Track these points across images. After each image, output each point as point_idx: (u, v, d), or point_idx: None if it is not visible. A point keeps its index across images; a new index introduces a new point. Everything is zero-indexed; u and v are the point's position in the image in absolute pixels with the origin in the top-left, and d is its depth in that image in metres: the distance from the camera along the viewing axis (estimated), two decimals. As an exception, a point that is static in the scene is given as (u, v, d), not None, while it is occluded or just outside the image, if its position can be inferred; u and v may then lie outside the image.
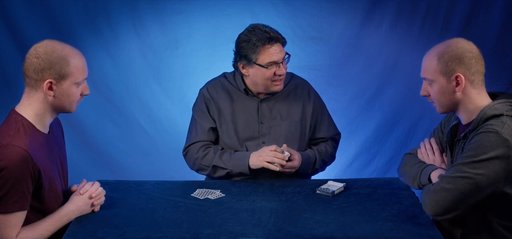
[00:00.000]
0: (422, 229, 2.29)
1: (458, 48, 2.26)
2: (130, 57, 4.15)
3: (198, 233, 2.28)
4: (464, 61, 2.25)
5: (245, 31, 2.87)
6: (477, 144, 2.18)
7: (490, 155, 2.15)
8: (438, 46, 2.32)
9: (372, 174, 4.23)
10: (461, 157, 2.22)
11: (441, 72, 2.28)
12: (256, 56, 2.82)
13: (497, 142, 2.15)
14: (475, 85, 2.28)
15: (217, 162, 2.87)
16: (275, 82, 2.88)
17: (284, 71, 2.87)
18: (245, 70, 2.90)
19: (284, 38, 2.87)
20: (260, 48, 2.80)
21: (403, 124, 4.23)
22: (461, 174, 2.18)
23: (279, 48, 2.84)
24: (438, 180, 2.26)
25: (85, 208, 2.43)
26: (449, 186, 2.20)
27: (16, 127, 2.23)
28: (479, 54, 2.28)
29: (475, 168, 2.16)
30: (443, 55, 2.27)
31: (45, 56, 2.23)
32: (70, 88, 2.28)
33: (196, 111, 3.01)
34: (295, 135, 2.97)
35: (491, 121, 2.21)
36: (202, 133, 2.95)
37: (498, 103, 2.25)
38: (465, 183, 2.17)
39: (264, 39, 2.80)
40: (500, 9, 4.00)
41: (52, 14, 4.00)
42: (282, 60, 2.85)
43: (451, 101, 2.31)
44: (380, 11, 4.08)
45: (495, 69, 4.08)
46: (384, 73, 4.17)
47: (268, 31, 2.83)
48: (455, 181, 2.19)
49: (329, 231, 2.29)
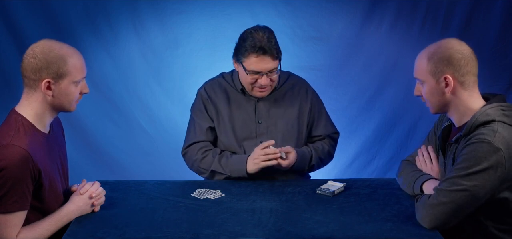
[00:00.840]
0: (422, 229, 2.29)
1: (448, 49, 2.25)
2: (130, 57, 4.15)
3: (198, 233, 2.28)
4: (453, 63, 2.23)
5: (248, 30, 2.86)
6: (470, 155, 2.17)
7: (484, 166, 2.14)
8: (430, 46, 2.31)
9: (372, 174, 4.23)
10: (455, 169, 2.21)
11: (431, 73, 2.27)
12: (243, 59, 2.83)
13: (490, 151, 2.14)
14: (465, 87, 2.26)
15: (216, 167, 2.88)
16: (256, 88, 2.89)
17: (267, 82, 2.85)
18: (236, 66, 2.92)
19: (278, 52, 2.83)
20: (248, 53, 2.80)
21: (403, 124, 4.23)
22: (458, 187, 2.17)
23: (267, 60, 2.80)
24: (435, 194, 2.24)
25: (85, 208, 2.42)
26: (446, 199, 2.19)
27: (16, 127, 2.23)
28: (470, 56, 2.26)
29: (471, 180, 2.15)
30: (433, 56, 2.26)
31: (42, 56, 2.22)
32: (68, 88, 2.28)
33: (195, 112, 3.02)
34: (292, 133, 2.97)
35: (483, 129, 2.19)
36: (201, 133, 2.96)
37: (490, 108, 2.23)
38: (462, 195, 2.17)
39: (254, 47, 2.78)
40: (500, 9, 4.00)
41: (52, 14, 4.00)
42: (266, 72, 2.84)
43: (441, 102, 2.30)
44: (380, 11, 4.08)
45: (495, 69, 4.08)
46: (384, 73, 4.17)
47: (263, 41, 2.79)
48: (451, 195, 2.18)
49: (329, 231, 2.29)
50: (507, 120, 2.20)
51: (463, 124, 2.29)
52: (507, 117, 2.21)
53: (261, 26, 2.86)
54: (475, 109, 2.26)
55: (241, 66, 2.86)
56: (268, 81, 2.85)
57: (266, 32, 2.83)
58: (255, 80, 2.86)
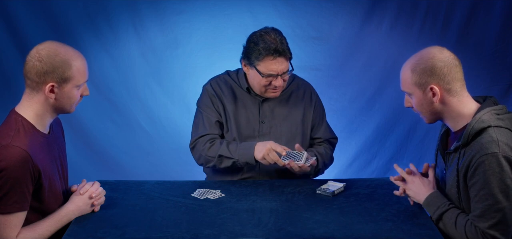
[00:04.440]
0: (422, 229, 2.29)
1: (430, 59, 2.23)
2: (130, 57, 4.15)
3: (198, 233, 2.28)
4: (436, 72, 2.22)
5: (258, 32, 2.85)
6: (484, 179, 2.15)
7: (507, 182, 2.14)
8: (412, 58, 2.30)
9: (372, 174, 4.23)
10: (480, 198, 2.17)
11: (416, 85, 2.26)
12: (257, 62, 2.81)
13: (501, 163, 2.13)
14: (453, 93, 2.24)
15: (223, 151, 2.86)
16: (270, 90, 2.88)
17: (281, 83, 2.85)
18: (246, 69, 2.90)
19: (290, 53, 2.84)
20: (263, 57, 2.79)
21: (403, 124, 4.23)
22: (497, 207, 2.16)
23: (282, 61, 2.81)
24: (481, 228, 2.19)
25: (85, 208, 2.43)
26: (496, 220, 2.17)
27: (16, 127, 2.22)
28: (453, 62, 2.24)
29: (508, 197, 2.15)
30: (416, 68, 2.25)
31: (48, 60, 2.21)
32: (71, 91, 2.28)
33: (202, 106, 3.00)
34: (296, 136, 2.97)
35: (484, 142, 2.16)
36: (210, 125, 2.95)
37: (484, 114, 2.21)
38: (506, 213, 2.17)
39: (269, 50, 2.78)
40: (500, 9, 4.00)
41: (52, 14, 4.01)
42: (281, 73, 2.84)
43: (432, 111, 2.29)
44: (380, 11, 4.08)
45: (495, 70, 4.08)
46: (384, 73, 4.17)
47: (277, 42, 2.79)
48: (497, 216, 2.17)
49: (329, 231, 2.29)
50: (502, 123, 2.20)
51: (460, 130, 2.28)
52: (501, 120, 2.20)
53: (270, 28, 2.86)
54: (468, 113, 2.25)
55: (255, 70, 2.84)
56: (281, 82, 2.85)
57: (277, 34, 2.82)
58: (269, 82, 2.85)
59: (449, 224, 2.28)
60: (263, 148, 2.77)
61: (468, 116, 2.25)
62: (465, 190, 2.25)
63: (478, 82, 4.04)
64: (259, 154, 2.77)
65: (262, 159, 2.76)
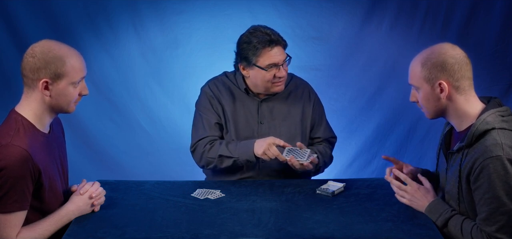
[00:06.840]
0: (422, 229, 2.29)
1: (441, 55, 2.23)
2: (130, 57, 4.15)
3: (198, 233, 2.28)
4: (447, 68, 2.22)
5: (246, 33, 2.87)
6: (489, 182, 2.14)
7: (510, 183, 2.14)
8: (423, 52, 2.30)
9: (372, 174, 4.23)
10: (486, 201, 2.17)
11: (425, 79, 2.26)
12: (256, 58, 2.82)
13: (506, 166, 2.13)
14: (461, 91, 2.25)
15: (223, 151, 2.86)
16: (275, 83, 2.88)
17: (284, 74, 2.86)
18: (246, 72, 2.90)
19: (285, 41, 2.87)
20: (261, 50, 2.80)
21: (403, 124, 4.23)
22: (503, 209, 2.15)
23: (280, 51, 2.84)
24: (488, 232, 2.19)
25: (85, 208, 2.43)
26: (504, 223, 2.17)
27: (16, 127, 2.23)
28: (464, 59, 2.24)
29: None
30: (427, 62, 2.25)
31: (41, 56, 2.22)
32: (66, 88, 2.27)
33: (201, 108, 3.00)
34: (295, 135, 2.97)
35: (488, 145, 2.16)
36: (209, 127, 2.95)
37: (489, 116, 2.21)
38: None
39: (264, 41, 2.80)
40: (500, 9, 4.00)
41: (52, 14, 4.00)
42: (282, 63, 2.85)
43: (437, 107, 2.29)
44: (380, 11, 4.08)
45: (495, 70, 4.08)
46: (384, 73, 4.17)
47: (269, 33, 2.82)
48: (503, 219, 2.17)
49: (329, 231, 2.29)
50: (506, 126, 2.20)
51: (465, 129, 2.28)
52: (506, 122, 2.20)
53: (256, 25, 2.87)
54: (474, 113, 2.25)
55: (255, 68, 2.84)
56: (284, 72, 2.87)
57: (266, 27, 2.85)
58: (273, 75, 2.85)
59: (454, 231, 2.28)
60: (263, 143, 2.77)
61: (473, 117, 2.25)
62: (466, 190, 2.25)
63: (478, 82, 3.99)
64: (259, 149, 2.78)
65: (263, 155, 2.77)
